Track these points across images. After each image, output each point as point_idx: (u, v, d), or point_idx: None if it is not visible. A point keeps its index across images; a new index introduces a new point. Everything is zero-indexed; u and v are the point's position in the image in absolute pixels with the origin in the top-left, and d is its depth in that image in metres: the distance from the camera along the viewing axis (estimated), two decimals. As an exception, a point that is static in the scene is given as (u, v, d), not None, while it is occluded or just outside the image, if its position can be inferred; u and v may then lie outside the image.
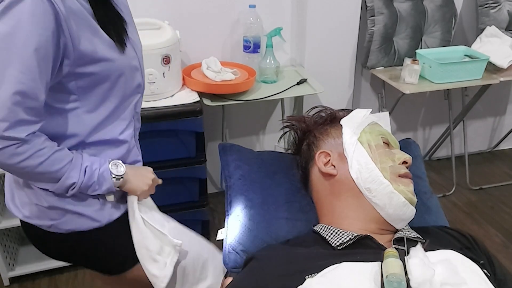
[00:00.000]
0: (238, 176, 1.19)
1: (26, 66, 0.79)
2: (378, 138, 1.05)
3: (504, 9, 2.29)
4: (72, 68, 0.88)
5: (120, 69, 0.95)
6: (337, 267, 0.84)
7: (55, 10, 0.80)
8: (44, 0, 0.78)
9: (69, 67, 0.87)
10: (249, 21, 2.01)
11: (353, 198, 1.01)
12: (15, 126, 0.81)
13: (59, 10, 0.80)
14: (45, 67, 0.82)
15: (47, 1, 0.79)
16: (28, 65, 0.79)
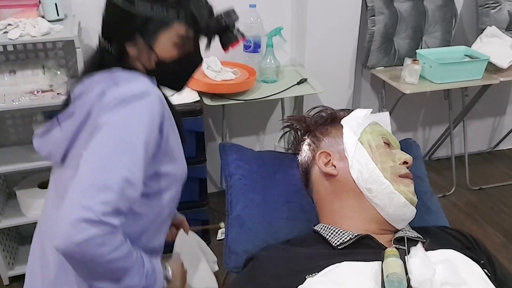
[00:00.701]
0: (239, 176, 1.19)
1: (136, 156, 0.82)
2: (379, 138, 1.05)
3: (504, 9, 2.29)
4: (156, 167, 0.92)
5: (184, 172, 1.03)
6: (338, 266, 0.84)
7: (163, 110, 0.89)
8: (160, 100, 0.88)
9: (153, 167, 0.92)
10: (249, 20, 2.01)
11: (354, 198, 1.01)
12: (115, 212, 0.78)
13: (164, 110, 0.90)
14: (147, 161, 0.86)
15: (160, 101, 0.88)
16: (137, 156, 0.83)
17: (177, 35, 0.93)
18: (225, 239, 1.16)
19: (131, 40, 0.93)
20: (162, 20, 0.91)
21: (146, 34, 0.92)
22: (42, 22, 1.62)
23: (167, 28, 0.92)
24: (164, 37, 0.92)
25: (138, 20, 0.91)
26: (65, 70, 1.77)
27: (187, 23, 0.93)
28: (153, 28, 0.92)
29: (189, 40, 0.95)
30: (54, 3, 1.70)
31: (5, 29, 1.58)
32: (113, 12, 0.93)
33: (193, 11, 0.93)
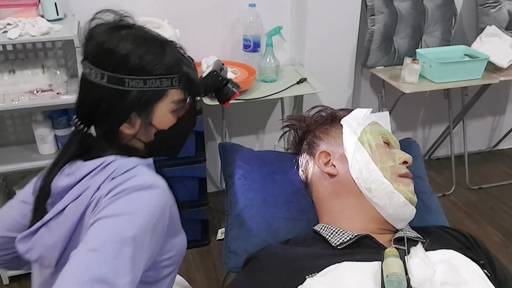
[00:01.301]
0: (238, 176, 1.19)
1: (139, 254, 0.73)
2: (379, 138, 1.05)
3: (504, 8, 2.29)
4: (164, 241, 0.86)
5: (185, 245, 0.98)
6: (338, 266, 0.84)
7: (169, 201, 0.85)
8: (166, 190, 0.83)
9: (159, 252, 0.85)
10: (249, 20, 2.01)
11: (354, 198, 1.01)
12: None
13: (170, 199, 0.86)
14: (151, 254, 0.79)
15: (167, 192, 0.83)
16: (140, 253, 0.74)
17: (173, 102, 0.87)
18: (224, 239, 1.16)
19: (125, 121, 0.85)
20: (158, 92, 0.84)
21: (142, 110, 0.85)
22: (41, 21, 1.62)
23: (163, 98, 0.86)
24: (161, 108, 0.86)
25: (131, 99, 0.82)
26: (65, 70, 1.77)
27: (183, 87, 0.88)
28: (148, 102, 0.85)
29: (185, 102, 0.90)
30: (54, 2, 1.70)
31: (5, 28, 1.58)
32: (99, 94, 0.83)
33: (187, 73, 0.88)
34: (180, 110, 0.90)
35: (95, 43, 0.84)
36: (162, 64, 0.84)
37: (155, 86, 0.84)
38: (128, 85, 0.82)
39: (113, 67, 0.82)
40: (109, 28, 0.86)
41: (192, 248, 2.09)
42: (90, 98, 0.85)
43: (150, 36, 0.88)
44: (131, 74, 0.82)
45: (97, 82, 0.82)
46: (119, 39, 0.83)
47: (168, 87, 0.85)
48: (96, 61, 0.83)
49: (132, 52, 0.82)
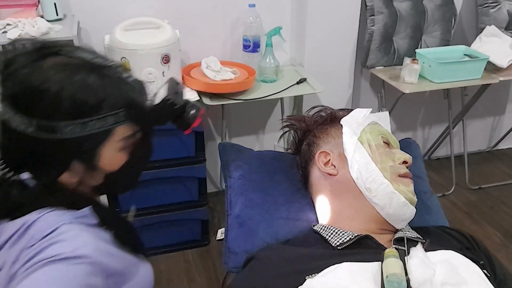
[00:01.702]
0: (238, 176, 1.19)
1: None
2: (378, 138, 1.05)
3: (503, 8, 2.28)
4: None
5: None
6: (337, 267, 0.84)
7: (100, 269, 0.69)
8: (96, 260, 0.68)
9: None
10: (248, 20, 2.00)
11: (353, 198, 1.01)
12: None
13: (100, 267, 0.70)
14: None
15: (98, 260, 0.68)
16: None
17: (122, 140, 0.74)
18: (224, 239, 1.16)
19: (64, 171, 0.72)
20: (101, 133, 0.70)
21: (85, 156, 0.72)
22: (41, 22, 1.62)
23: (109, 138, 0.72)
24: (107, 149, 0.73)
25: (69, 147, 0.69)
26: (64, 70, 1.77)
27: (132, 121, 0.74)
28: (92, 146, 0.71)
29: (137, 136, 0.77)
30: (53, 2, 1.70)
31: (4, 29, 1.58)
32: (27, 146, 0.68)
33: (134, 104, 0.74)
34: (131, 146, 0.77)
35: (15, 80, 0.67)
36: (103, 100, 0.69)
37: (98, 127, 0.69)
38: (64, 133, 0.67)
39: (42, 112, 0.66)
40: (29, 59, 0.69)
41: (192, 248, 2.09)
42: (16, 149, 0.70)
43: (83, 63, 0.70)
44: (65, 118, 0.67)
45: (23, 131, 0.67)
46: (45, 73, 0.67)
47: (113, 125, 0.71)
48: (19, 105, 0.67)
49: (64, 89, 0.66)
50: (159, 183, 1.88)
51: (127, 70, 0.76)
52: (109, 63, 0.73)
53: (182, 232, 2.06)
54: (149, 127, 0.81)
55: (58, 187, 0.74)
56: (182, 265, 2.00)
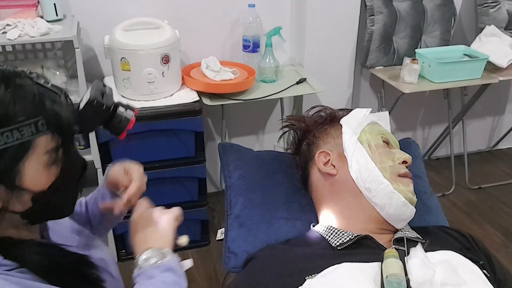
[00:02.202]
0: (238, 176, 1.19)
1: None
2: (378, 137, 1.05)
3: (503, 8, 2.28)
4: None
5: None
6: (337, 267, 0.84)
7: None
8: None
9: None
10: (248, 20, 2.00)
11: (353, 198, 1.01)
12: None
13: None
14: None
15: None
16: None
17: (46, 153, 0.65)
18: (224, 239, 1.16)
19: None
20: (19, 146, 0.62)
21: (3, 175, 0.62)
22: (41, 22, 1.62)
23: (30, 151, 0.63)
24: (30, 165, 0.64)
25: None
26: (64, 71, 1.77)
27: (53, 130, 0.65)
28: (9, 162, 0.62)
29: (62, 147, 0.68)
30: (53, 3, 1.70)
31: (4, 29, 1.58)
32: None
33: (54, 111, 0.65)
34: (58, 160, 0.68)
35: None
36: (16, 108, 0.62)
37: (13, 140, 0.61)
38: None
39: None
40: None
41: (192, 248, 2.09)
42: None
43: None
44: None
45: None
46: None
47: (32, 135, 0.63)
48: None
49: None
50: (159, 184, 1.88)
51: (42, 77, 0.68)
52: (20, 70, 0.67)
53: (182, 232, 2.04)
54: (73, 135, 0.71)
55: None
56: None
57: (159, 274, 0.77)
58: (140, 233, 0.83)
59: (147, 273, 0.76)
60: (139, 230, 0.83)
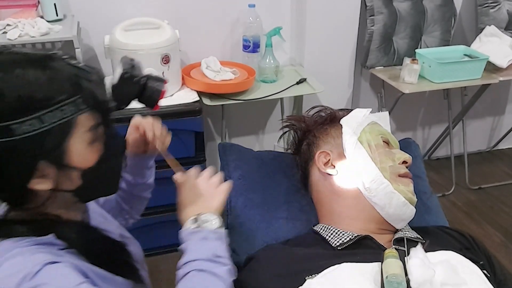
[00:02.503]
0: (238, 176, 1.19)
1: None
2: (378, 137, 1.05)
3: (503, 8, 2.29)
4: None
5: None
6: (337, 267, 0.84)
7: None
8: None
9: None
10: (248, 20, 2.00)
11: (353, 198, 1.01)
12: None
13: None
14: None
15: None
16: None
17: (89, 130, 0.69)
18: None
19: (31, 176, 0.66)
20: (63, 125, 0.65)
21: (51, 154, 0.66)
22: (41, 22, 1.62)
23: (73, 129, 0.67)
24: (75, 143, 0.67)
25: (29, 147, 0.63)
26: (64, 70, 1.77)
27: (92, 108, 0.69)
28: (56, 141, 0.65)
29: (102, 124, 0.72)
30: (53, 3, 1.70)
31: (4, 29, 1.58)
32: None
33: (90, 89, 0.68)
34: (101, 136, 0.72)
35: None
36: (56, 87, 0.64)
37: (57, 119, 0.64)
38: (20, 132, 0.62)
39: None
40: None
41: (192, 248, 2.08)
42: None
43: (24, 58, 0.66)
44: (17, 117, 0.61)
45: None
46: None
47: (73, 114, 0.66)
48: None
49: (5, 87, 0.62)
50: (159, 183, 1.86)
51: (74, 58, 0.70)
52: (52, 53, 0.69)
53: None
54: (112, 110, 0.74)
55: (28, 200, 0.69)
56: (182, 265, 2.00)
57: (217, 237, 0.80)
58: (199, 198, 0.85)
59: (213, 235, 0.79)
60: (197, 194, 0.86)
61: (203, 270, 0.73)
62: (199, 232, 0.79)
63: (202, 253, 0.76)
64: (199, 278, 0.73)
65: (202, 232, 0.79)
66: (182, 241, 0.80)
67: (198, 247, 0.77)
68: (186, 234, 0.79)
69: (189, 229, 0.80)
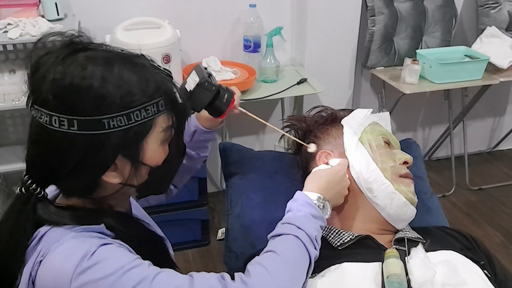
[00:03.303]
0: (239, 176, 1.19)
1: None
2: (379, 138, 1.05)
3: (504, 9, 2.29)
4: None
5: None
6: (338, 267, 0.85)
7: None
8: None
9: None
10: (249, 20, 2.01)
11: (354, 198, 1.01)
12: None
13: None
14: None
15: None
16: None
17: (163, 131, 0.72)
18: (225, 239, 1.16)
19: (108, 168, 0.69)
20: (145, 124, 0.68)
21: (130, 151, 0.69)
22: (42, 21, 1.62)
23: (152, 129, 0.70)
24: (151, 142, 0.71)
25: (114, 142, 0.66)
26: (65, 70, 1.77)
27: (170, 110, 0.72)
28: (136, 138, 0.69)
29: (176, 125, 0.75)
30: (54, 2, 1.70)
31: (5, 28, 1.58)
32: (67, 146, 0.65)
33: (171, 92, 0.72)
34: (169, 138, 0.75)
35: (49, 80, 0.65)
36: (144, 88, 0.68)
37: (142, 118, 0.67)
38: (109, 127, 0.65)
39: (84, 109, 0.64)
40: (60, 57, 0.66)
41: (192, 248, 2.09)
42: (54, 152, 0.67)
43: (116, 55, 0.69)
44: (109, 112, 0.65)
45: (64, 130, 0.64)
46: (80, 68, 0.65)
47: (155, 115, 0.69)
48: (57, 105, 0.64)
49: (107, 83, 0.65)
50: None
51: (155, 61, 0.74)
52: (139, 53, 0.72)
53: (182, 232, 2.06)
54: (187, 115, 0.78)
55: (95, 190, 0.72)
56: (182, 265, 1.98)
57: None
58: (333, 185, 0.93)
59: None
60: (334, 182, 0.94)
61: (302, 241, 0.79)
62: (317, 211, 0.86)
63: (309, 228, 0.81)
64: (295, 245, 0.79)
65: (319, 212, 0.86)
66: (297, 200, 0.87)
67: (308, 221, 0.83)
68: (306, 202, 0.86)
69: (312, 201, 0.87)
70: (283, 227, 0.83)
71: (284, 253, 0.77)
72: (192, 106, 0.87)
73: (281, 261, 0.76)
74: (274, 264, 0.75)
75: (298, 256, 0.79)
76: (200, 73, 0.87)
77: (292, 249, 0.79)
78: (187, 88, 0.87)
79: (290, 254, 0.78)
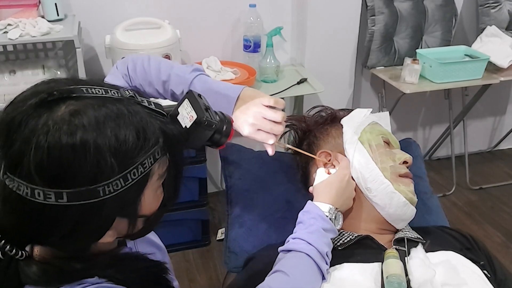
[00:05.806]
0: (239, 176, 1.19)
1: None
2: (379, 138, 1.05)
3: (504, 8, 2.28)
4: None
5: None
6: (338, 267, 0.85)
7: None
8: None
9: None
10: (249, 20, 2.00)
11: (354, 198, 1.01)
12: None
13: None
14: None
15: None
16: None
17: (160, 177, 0.64)
18: (224, 239, 1.16)
19: (104, 233, 0.61)
20: (142, 179, 0.60)
21: (127, 210, 0.62)
22: (42, 22, 1.62)
23: (149, 181, 0.62)
24: (148, 193, 0.63)
25: (110, 207, 0.58)
26: (65, 70, 1.77)
27: (166, 153, 0.63)
28: (134, 196, 0.61)
29: (172, 168, 0.66)
30: (54, 3, 1.70)
31: (5, 29, 1.58)
32: (54, 218, 0.56)
33: (168, 134, 0.63)
34: (165, 183, 0.67)
35: (30, 150, 0.54)
36: (142, 144, 0.59)
37: (139, 175, 0.59)
38: (104, 194, 0.57)
39: (75, 181, 0.55)
40: (40, 120, 0.55)
41: (192, 248, 2.09)
42: (37, 222, 0.57)
43: (106, 110, 0.58)
44: (105, 179, 0.56)
45: (51, 203, 0.55)
46: (68, 137, 0.54)
47: (151, 166, 0.61)
48: (42, 179, 0.54)
49: (97, 150, 0.55)
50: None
51: (144, 98, 0.64)
52: (124, 92, 0.62)
53: (182, 232, 2.06)
54: (182, 155, 0.69)
55: (94, 245, 0.64)
56: (182, 265, 2.00)
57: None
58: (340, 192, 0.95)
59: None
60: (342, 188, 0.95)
61: (313, 259, 0.81)
62: (329, 224, 0.87)
63: (320, 244, 0.83)
64: (307, 266, 0.81)
65: (331, 225, 0.87)
66: (309, 212, 0.89)
67: (320, 236, 0.84)
68: (318, 215, 0.88)
69: (324, 213, 0.88)
70: (294, 242, 0.84)
71: (295, 274, 0.79)
72: (189, 145, 0.77)
73: (291, 284, 0.77)
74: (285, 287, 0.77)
75: (309, 276, 0.80)
76: (196, 107, 0.74)
77: (304, 269, 0.80)
78: (182, 123, 0.75)
79: (301, 275, 0.79)
